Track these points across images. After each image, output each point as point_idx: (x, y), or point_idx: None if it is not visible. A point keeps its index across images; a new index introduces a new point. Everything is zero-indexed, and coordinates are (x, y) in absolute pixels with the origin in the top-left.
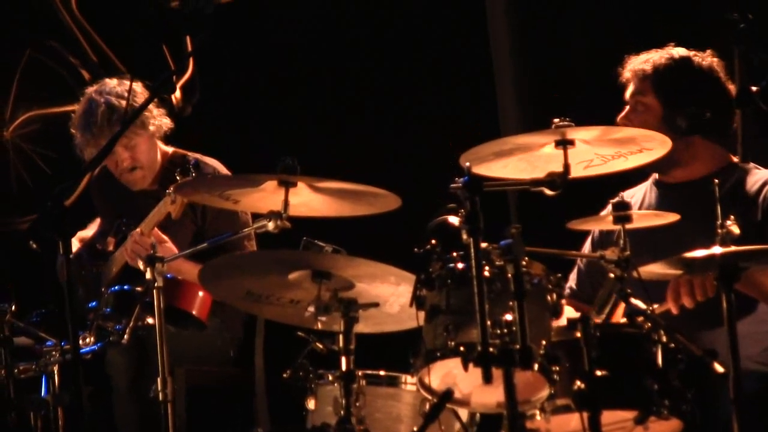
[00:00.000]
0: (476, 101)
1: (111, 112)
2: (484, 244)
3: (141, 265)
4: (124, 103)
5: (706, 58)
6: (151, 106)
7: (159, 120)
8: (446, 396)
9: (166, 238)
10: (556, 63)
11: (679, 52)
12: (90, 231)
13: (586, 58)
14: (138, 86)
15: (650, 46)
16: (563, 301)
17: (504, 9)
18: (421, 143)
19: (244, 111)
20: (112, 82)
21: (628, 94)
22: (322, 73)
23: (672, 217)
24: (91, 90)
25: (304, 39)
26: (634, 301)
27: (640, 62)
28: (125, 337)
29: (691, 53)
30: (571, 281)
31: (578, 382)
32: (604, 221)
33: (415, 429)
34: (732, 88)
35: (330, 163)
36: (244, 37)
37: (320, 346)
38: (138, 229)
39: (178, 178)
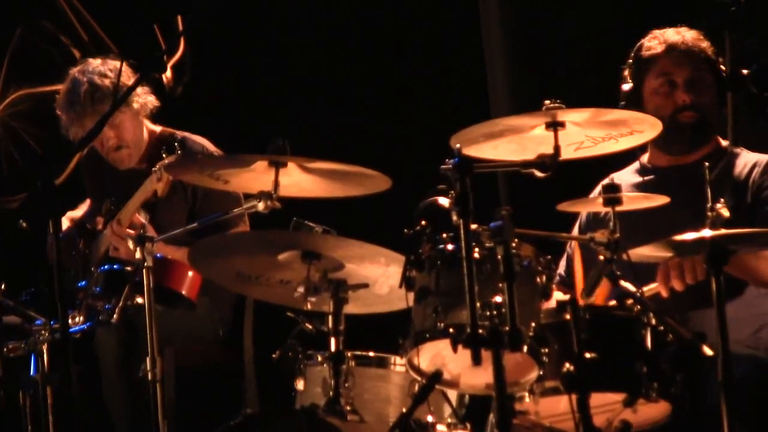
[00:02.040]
0: (467, 82)
1: (94, 90)
2: (474, 226)
3: (121, 254)
4: (107, 81)
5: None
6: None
7: (144, 98)
8: (435, 377)
9: (142, 221)
10: (548, 43)
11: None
12: (80, 211)
13: (577, 39)
14: (117, 64)
15: (641, 28)
16: (553, 285)
17: None
18: (411, 124)
19: (235, 91)
20: (95, 62)
21: (684, 70)
22: (313, 54)
23: (662, 200)
24: (74, 70)
25: (295, 19)
26: (623, 283)
27: (691, 39)
28: (114, 316)
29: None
30: (561, 268)
31: (567, 365)
32: (594, 203)
33: (404, 410)
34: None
35: (320, 143)
36: (235, 17)
37: (309, 326)
38: (114, 219)
39: (163, 156)
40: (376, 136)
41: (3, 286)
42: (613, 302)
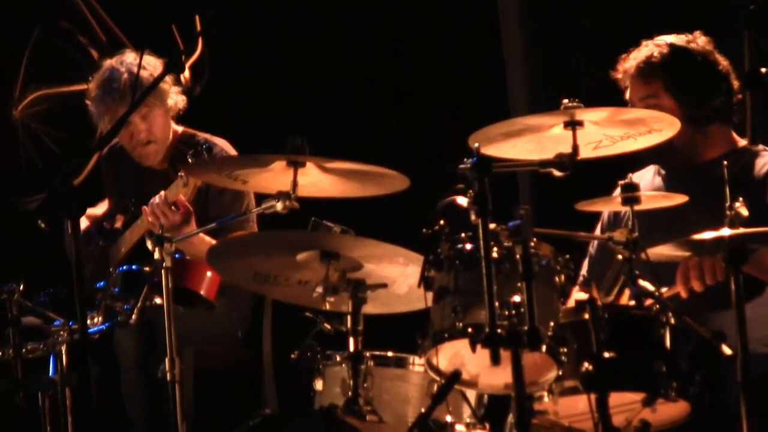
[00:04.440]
0: (485, 81)
1: (133, 79)
2: (492, 225)
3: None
4: (144, 73)
5: (697, 41)
6: (169, 82)
7: (176, 96)
8: (454, 377)
9: (191, 209)
10: (567, 42)
11: (671, 41)
12: (99, 209)
13: (596, 37)
14: (155, 59)
15: (659, 26)
16: (574, 288)
17: None
18: (429, 124)
19: (254, 90)
20: (131, 54)
21: (635, 97)
22: (331, 53)
23: (680, 199)
24: (110, 60)
25: (313, 17)
26: (642, 283)
27: (640, 61)
28: (133, 317)
29: (683, 39)
30: (583, 270)
31: (586, 364)
32: (613, 202)
33: (422, 410)
34: (724, 62)
35: (339, 143)
36: (253, 17)
37: (328, 326)
38: (162, 193)
39: (189, 160)
40: (395, 135)
41: (22, 287)
42: (631, 301)
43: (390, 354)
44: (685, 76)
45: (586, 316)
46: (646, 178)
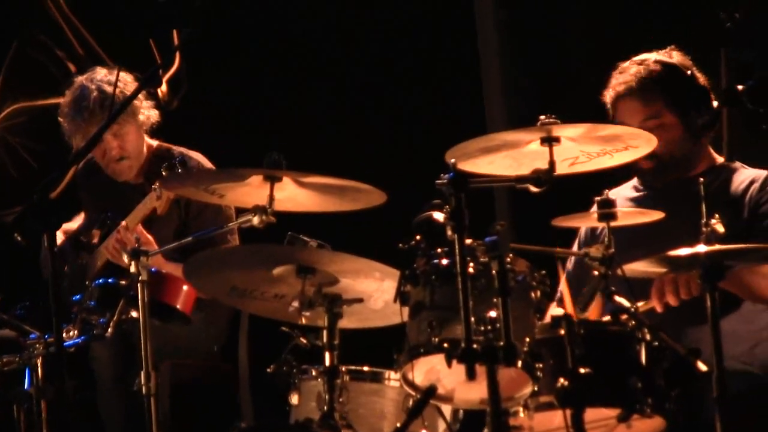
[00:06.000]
0: (463, 97)
1: (103, 97)
2: (468, 241)
3: (125, 258)
4: (116, 91)
5: (673, 55)
6: (140, 97)
7: (148, 111)
8: (429, 392)
9: (150, 238)
10: (544, 59)
11: (657, 58)
12: (75, 223)
13: (574, 54)
14: (127, 76)
15: (637, 45)
16: (553, 304)
17: (492, 4)
18: (407, 139)
19: (231, 105)
20: (102, 71)
21: (634, 120)
22: (308, 68)
23: (656, 215)
24: (81, 78)
25: (291, 33)
26: (618, 299)
27: (635, 83)
28: (109, 330)
29: (664, 55)
30: (561, 286)
31: (562, 380)
32: (589, 218)
33: (398, 425)
34: (703, 76)
35: (316, 158)
36: (231, 31)
37: (304, 341)
38: (123, 223)
39: (163, 173)
40: (372, 150)
41: None
42: (607, 317)
43: (366, 369)
44: (682, 89)
45: (562, 332)
46: (624, 194)
